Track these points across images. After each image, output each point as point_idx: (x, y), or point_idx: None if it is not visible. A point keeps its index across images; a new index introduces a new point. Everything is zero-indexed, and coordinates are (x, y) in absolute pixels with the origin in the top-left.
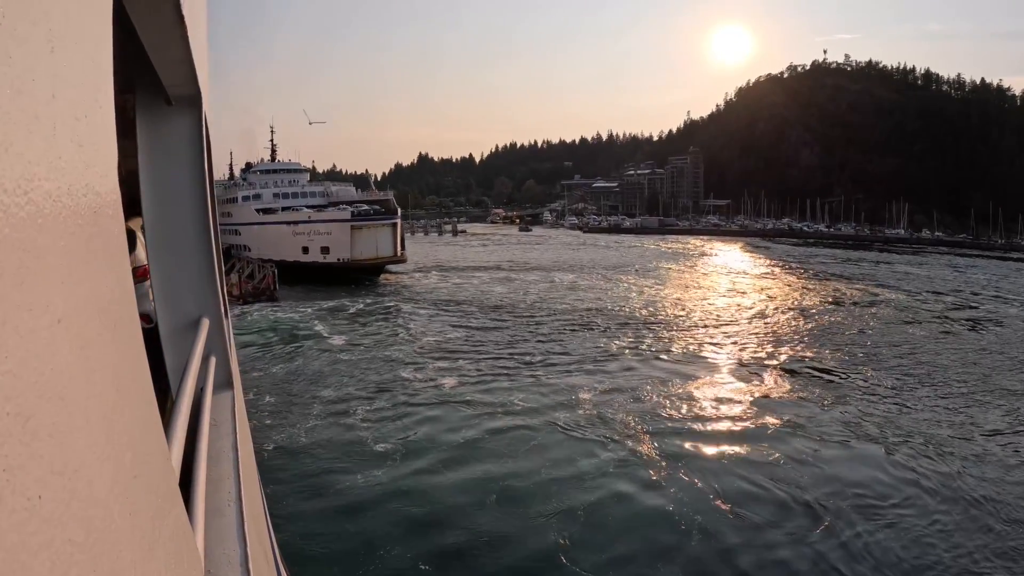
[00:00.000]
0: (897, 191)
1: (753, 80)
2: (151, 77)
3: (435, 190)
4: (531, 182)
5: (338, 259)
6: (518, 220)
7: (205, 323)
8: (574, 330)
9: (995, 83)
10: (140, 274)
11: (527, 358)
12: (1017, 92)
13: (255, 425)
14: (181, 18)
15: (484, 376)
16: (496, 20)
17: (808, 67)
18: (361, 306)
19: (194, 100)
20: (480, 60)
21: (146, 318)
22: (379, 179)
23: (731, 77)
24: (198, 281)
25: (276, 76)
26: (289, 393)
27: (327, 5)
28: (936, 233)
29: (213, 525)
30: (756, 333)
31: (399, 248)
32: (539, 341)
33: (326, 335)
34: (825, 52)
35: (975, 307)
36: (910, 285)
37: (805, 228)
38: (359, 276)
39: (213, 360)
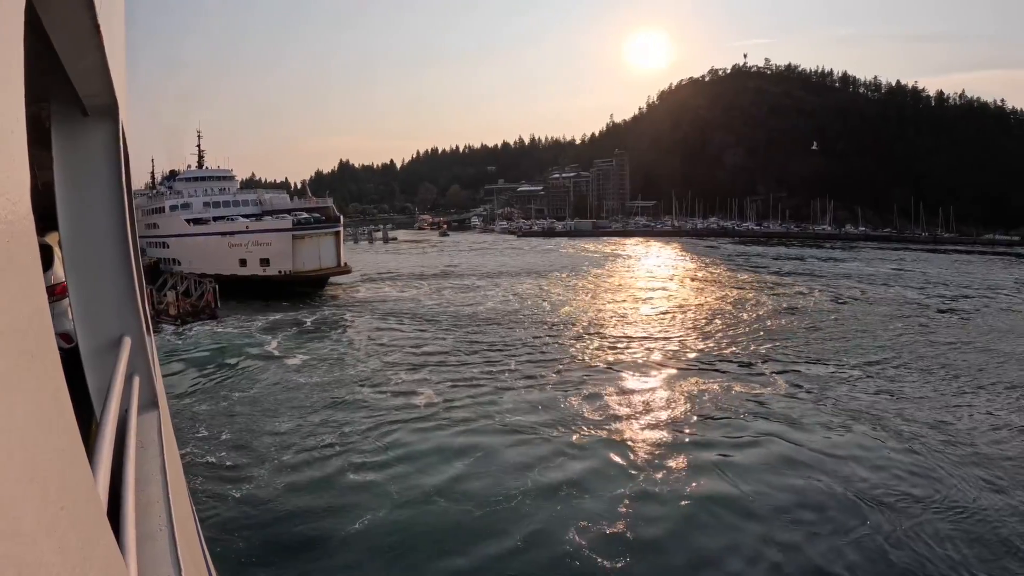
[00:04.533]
0: (820, 189)
1: (675, 83)
2: (66, 87)
3: (357, 197)
4: (455, 187)
5: (279, 271)
6: (445, 225)
7: (127, 342)
8: (537, 336)
9: (911, 85)
10: (58, 291)
11: (494, 370)
12: (932, 93)
13: (210, 463)
14: (97, 27)
15: (452, 391)
16: (417, 28)
17: (729, 70)
18: (311, 321)
19: (111, 110)
20: (401, 67)
21: (66, 337)
22: (299, 187)
23: (653, 81)
24: (119, 298)
25: (196, 84)
26: (244, 424)
27: (249, 14)
28: (861, 228)
29: (146, 552)
30: (712, 327)
31: (342, 258)
32: (505, 351)
33: (278, 354)
34: (745, 56)
35: (927, 296)
36: (846, 279)
37: (736, 227)
38: (302, 289)
39: (137, 380)
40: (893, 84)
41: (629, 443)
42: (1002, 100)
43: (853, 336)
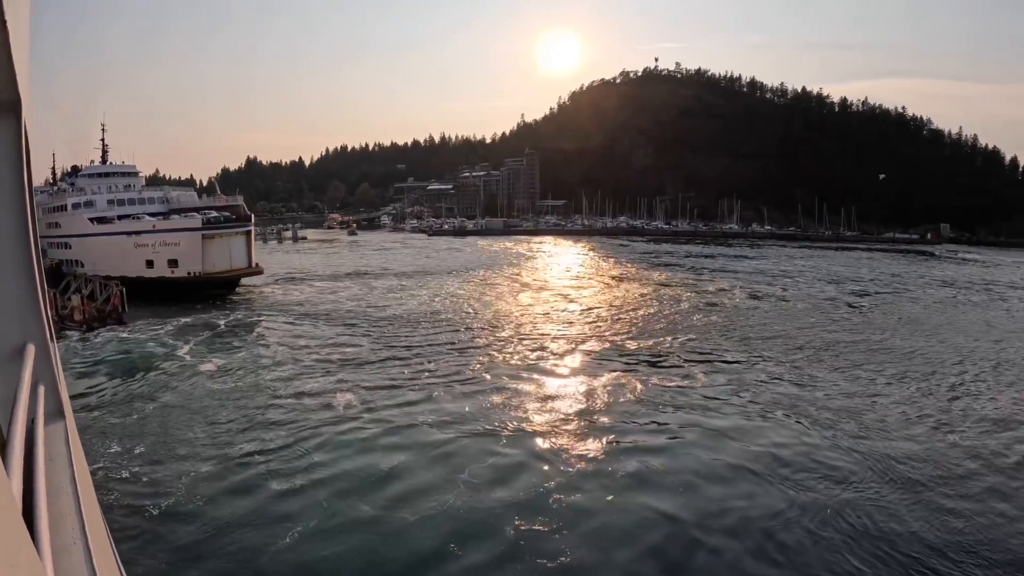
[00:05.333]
0: (727, 189)
1: (587, 84)
2: None
3: (265, 196)
4: (365, 186)
5: (188, 273)
6: (355, 224)
7: (31, 349)
8: (458, 335)
9: (816, 91)
10: None
11: (415, 371)
12: (836, 99)
13: (125, 478)
14: (3, 22)
15: (373, 395)
16: (327, 25)
17: (640, 73)
18: (224, 324)
19: (14, 107)
20: (312, 63)
21: None
22: (205, 184)
23: (565, 82)
24: (21, 303)
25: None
26: (158, 436)
27: (154, 6)
28: (767, 227)
29: (61, 565)
30: (630, 324)
31: (254, 258)
32: (426, 352)
33: (191, 360)
34: (657, 60)
35: (837, 289)
36: (759, 275)
37: (645, 226)
38: (213, 291)
39: (42, 389)
40: (799, 90)
41: (555, 441)
42: (903, 107)
43: (768, 330)
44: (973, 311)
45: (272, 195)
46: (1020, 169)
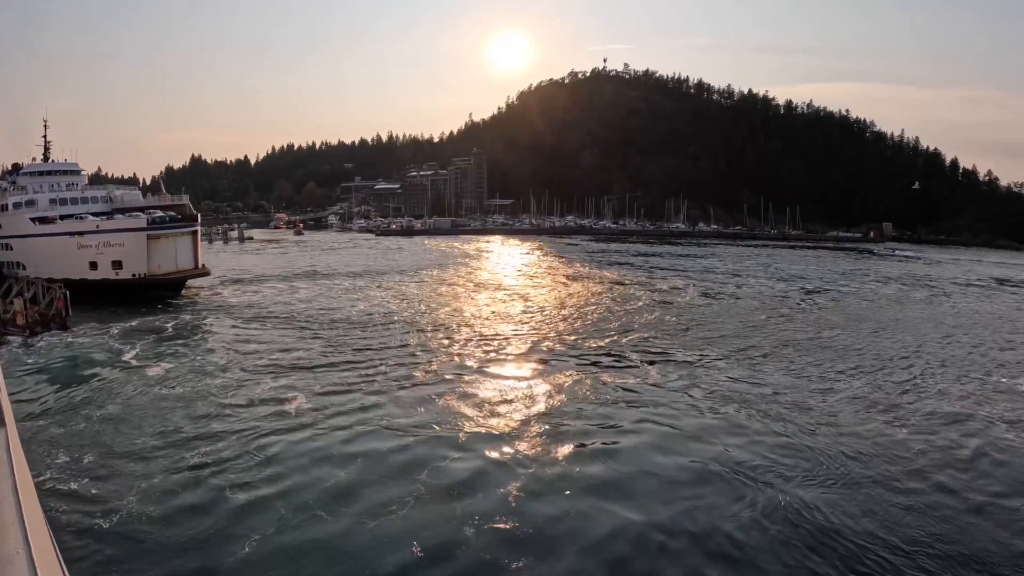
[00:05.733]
0: (674, 189)
1: (535, 84)
2: None
3: (210, 195)
4: (311, 185)
5: (133, 275)
6: (301, 224)
7: None
8: (411, 336)
9: (762, 93)
10: None
11: (368, 373)
12: (782, 102)
13: (73, 490)
14: None
15: (327, 398)
16: (274, 21)
17: (588, 73)
18: (172, 327)
19: None
20: (258, 60)
21: None
22: (149, 183)
23: (513, 82)
24: None
25: (41, 72)
26: (106, 445)
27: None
28: (713, 226)
29: (4, 575)
30: (583, 322)
31: (200, 259)
32: (379, 353)
33: (137, 365)
34: (605, 60)
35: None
36: (708, 273)
37: (593, 225)
38: (159, 293)
39: None
40: (746, 92)
41: (511, 439)
42: (847, 110)
43: (720, 327)
44: (918, 307)
45: (217, 194)
46: (960, 170)
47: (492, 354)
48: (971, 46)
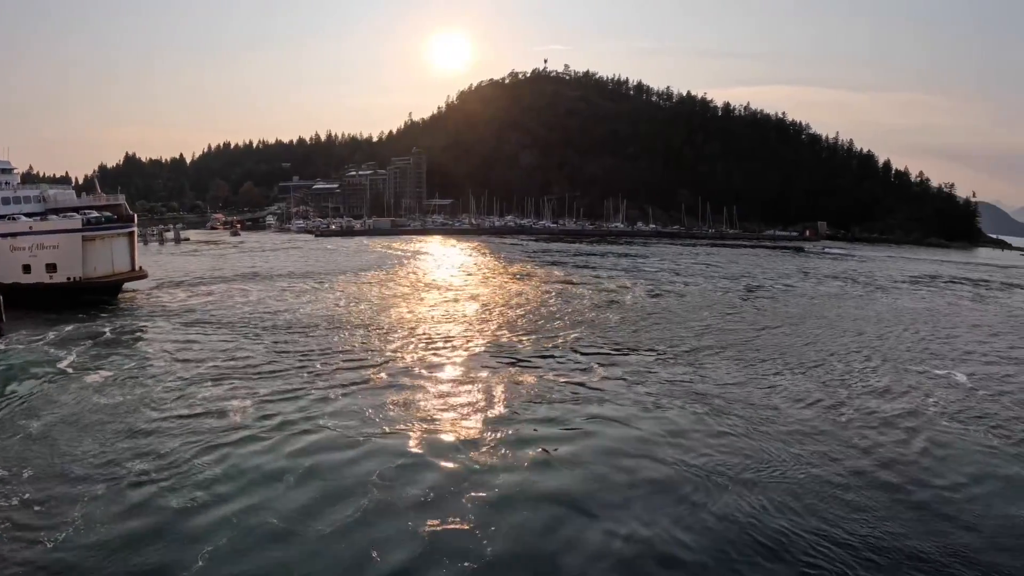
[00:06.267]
0: (612, 189)
1: (475, 84)
2: None
3: (144, 194)
4: (249, 184)
5: (68, 278)
6: (239, 225)
7: None
8: (355, 338)
9: (700, 95)
10: None
11: (314, 377)
12: (720, 104)
13: (13, 506)
14: None
15: (273, 404)
16: (212, 16)
17: (529, 74)
18: (110, 332)
19: None
20: (195, 55)
21: None
22: (82, 182)
23: (454, 82)
24: None
25: None
26: (46, 458)
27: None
28: (652, 225)
29: None
30: (530, 322)
31: (137, 261)
32: (323, 356)
33: (74, 373)
34: (546, 61)
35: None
36: (652, 272)
37: (533, 225)
38: (95, 298)
39: None
40: (684, 94)
41: (460, 440)
42: (783, 113)
43: (663, 325)
44: (854, 303)
45: (152, 194)
46: (893, 172)
47: (439, 356)
48: (911, 53)
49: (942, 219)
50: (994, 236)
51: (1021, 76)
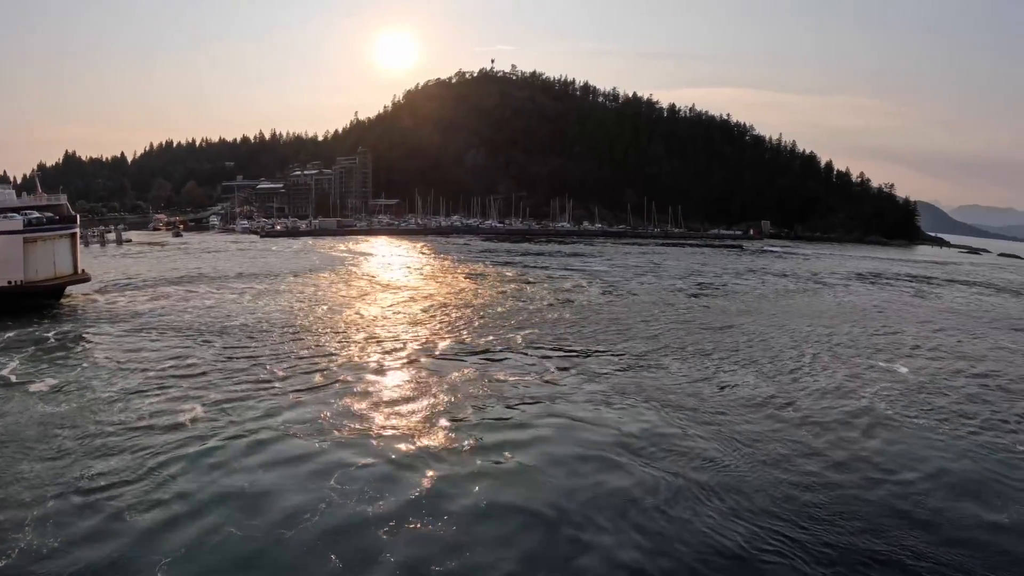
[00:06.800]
0: (558, 189)
1: (422, 84)
2: None
3: (84, 194)
4: (192, 184)
5: (9, 282)
6: (182, 225)
7: None
8: (307, 341)
9: (646, 96)
10: None
11: (265, 382)
12: (665, 105)
13: None
14: None
15: (225, 411)
16: (157, 12)
17: (476, 74)
18: (53, 338)
19: None
20: (137, 50)
21: None
22: (20, 182)
23: (400, 81)
24: None
25: None
26: None
27: None
28: (598, 224)
29: None
30: (481, 321)
31: (80, 263)
32: (275, 360)
33: (17, 381)
34: (493, 61)
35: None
36: (599, 271)
37: (479, 225)
38: (36, 302)
39: None
40: (630, 95)
41: (416, 442)
42: (727, 114)
43: (617, 323)
44: (801, 298)
45: (92, 193)
46: (835, 172)
47: (390, 355)
48: (859, 57)
49: (882, 218)
50: (932, 234)
51: (963, 80)
